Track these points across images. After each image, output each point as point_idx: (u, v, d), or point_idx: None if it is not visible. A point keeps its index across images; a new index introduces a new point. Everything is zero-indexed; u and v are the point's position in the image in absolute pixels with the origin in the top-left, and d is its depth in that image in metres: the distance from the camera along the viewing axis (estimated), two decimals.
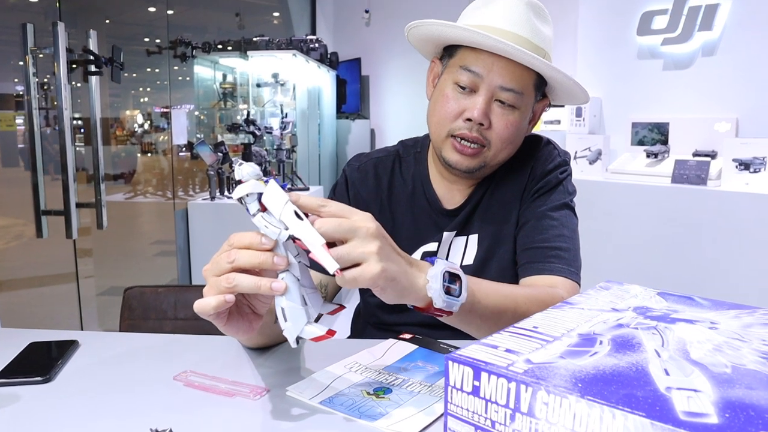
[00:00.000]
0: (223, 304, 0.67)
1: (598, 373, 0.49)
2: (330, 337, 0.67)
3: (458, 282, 0.76)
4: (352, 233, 0.67)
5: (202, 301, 0.68)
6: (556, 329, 0.60)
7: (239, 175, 0.68)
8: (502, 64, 0.97)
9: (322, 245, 0.65)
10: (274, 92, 4.50)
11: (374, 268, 0.67)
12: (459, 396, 0.53)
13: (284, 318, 0.67)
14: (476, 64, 0.98)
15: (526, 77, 0.98)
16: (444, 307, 0.75)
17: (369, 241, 0.68)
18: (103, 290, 3.42)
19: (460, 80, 0.99)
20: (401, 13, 5.19)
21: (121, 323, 1.36)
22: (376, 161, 1.16)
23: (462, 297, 0.76)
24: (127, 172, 4.09)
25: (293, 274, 0.68)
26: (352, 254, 0.67)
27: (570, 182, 1.11)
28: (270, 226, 0.67)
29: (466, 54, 1.00)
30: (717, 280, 2.63)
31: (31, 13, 3.31)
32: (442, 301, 0.74)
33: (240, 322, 0.74)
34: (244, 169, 0.67)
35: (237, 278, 0.67)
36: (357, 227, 0.68)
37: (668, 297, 0.73)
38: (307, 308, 0.68)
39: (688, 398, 0.45)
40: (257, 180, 0.68)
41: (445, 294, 0.74)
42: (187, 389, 0.78)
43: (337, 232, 0.67)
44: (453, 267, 0.76)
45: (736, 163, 2.65)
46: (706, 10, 2.93)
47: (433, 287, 0.73)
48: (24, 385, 0.79)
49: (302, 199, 0.68)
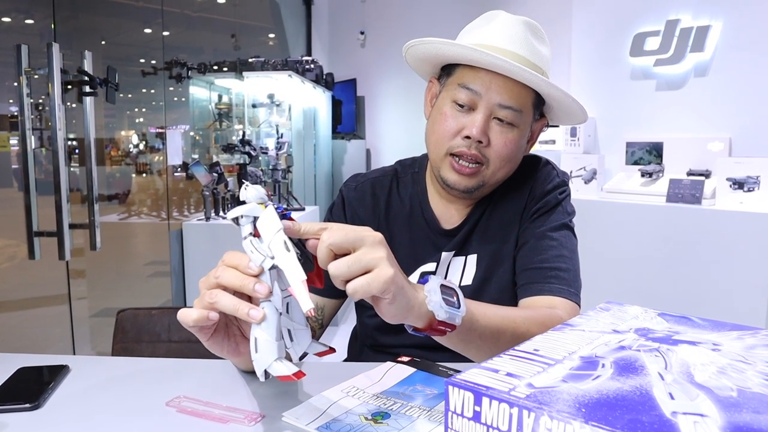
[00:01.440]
0: (204, 320, 0.67)
1: (601, 398, 0.48)
2: (297, 379, 0.65)
3: (455, 295, 0.75)
4: (360, 242, 0.67)
5: (186, 311, 0.68)
6: (557, 352, 0.59)
7: (243, 196, 0.67)
8: (501, 82, 0.97)
9: (302, 281, 0.63)
10: (270, 113, 4.51)
11: (387, 272, 0.66)
12: (459, 421, 0.52)
13: (255, 349, 0.66)
14: (474, 81, 0.98)
15: (525, 95, 0.99)
16: (446, 318, 0.73)
17: (377, 247, 0.68)
18: (96, 312, 3.39)
19: (458, 98, 0.99)
20: (396, 35, 5.24)
21: (113, 346, 1.34)
22: (374, 181, 1.16)
23: (462, 308, 0.75)
24: (121, 192, 4.07)
25: (275, 306, 0.66)
26: (363, 261, 0.66)
27: (569, 203, 1.10)
28: (255, 252, 0.65)
29: (464, 72, 1.00)
30: (712, 298, 2.62)
31: (26, 34, 3.33)
32: (444, 312, 0.72)
33: (226, 341, 0.73)
34: (249, 192, 0.67)
35: (218, 296, 0.66)
36: (363, 236, 0.68)
37: (669, 318, 0.72)
38: (280, 343, 0.66)
39: (695, 423, 0.44)
40: (258, 204, 0.67)
41: (446, 304, 0.73)
42: (181, 415, 0.76)
43: (345, 241, 0.66)
44: (447, 281, 0.76)
45: (730, 182, 2.67)
46: (698, 32, 2.97)
47: (432, 299, 0.72)
48: (11, 413, 0.76)
49: (304, 226, 0.68)
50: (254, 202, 0.67)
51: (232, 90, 4.65)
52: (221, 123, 4.56)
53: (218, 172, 3.29)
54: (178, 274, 3.27)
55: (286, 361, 0.66)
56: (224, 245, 3.18)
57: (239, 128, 4.48)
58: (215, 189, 3.33)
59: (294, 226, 0.67)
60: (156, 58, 4.06)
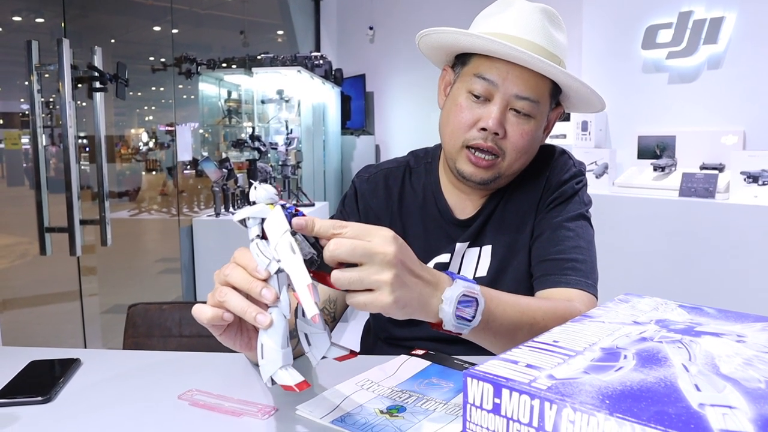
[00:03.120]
0: (218, 319, 0.66)
1: (625, 389, 0.47)
2: (300, 390, 0.63)
3: (474, 305, 0.74)
4: (367, 258, 0.65)
5: (201, 308, 0.67)
6: (577, 343, 0.58)
7: (253, 196, 0.65)
8: (517, 73, 0.95)
9: (308, 285, 0.60)
10: (279, 109, 4.51)
11: (386, 299, 0.65)
12: (478, 414, 0.51)
13: (261, 355, 0.64)
14: (491, 72, 0.96)
15: (542, 86, 0.97)
16: (453, 330, 0.73)
17: (384, 269, 0.65)
18: (107, 308, 3.40)
19: (474, 89, 0.97)
20: (405, 30, 5.22)
21: (125, 341, 1.34)
22: (387, 172, 1.14)
23: (474, 321, 0.74)
24: (131, 189, 4.09)
25: (283, 313, 0.65)
26: (365, 281, 0.65)
27: (585, 193, 1.09)
28: (261, 255, 0.64)
29: (480, 62, 0.98)
30: (726, 293, 2.59)
31: (36, 33, 3.34)
32: (452, 325, 0.72)
33: (239, 336, 0.72)
34: (259, 192, 0.65)
35: (228, 294, 0.65)
36: (373, 252, 0.65)
37: (690, 309, 0.70)
38: (286, 351, 0.64)
39: (724, 415, 0.43)
40: (267, 204, 0.65)
41: (456, 318, 0.72)
42: (193, 408, 0.75)
43: (351, 256, 0.64)
44: (471, 290, 0.74)
45: (744, 175, 2.63)
46: (711, 24, 2.93)
47: (444, 310, 0.71)
48: (24, 405, 0.76)
49: (318, 223, 0.65)
50: (263, 202, 0.65)
51: (241, 86, 4.66)
52: (230, 119, 4.56)
53: (228, 168, 3.29)
54: (189, 270, 3.28)
55: (291, 369, 0.64)
56: (234, 241, 3.19)
57: (248, 124, 4.49)
58: (225, 185, 3.33)
59: (308, 225, 0.65)
60: (165, 55, 4.07)
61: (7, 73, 3.08)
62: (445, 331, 0.74)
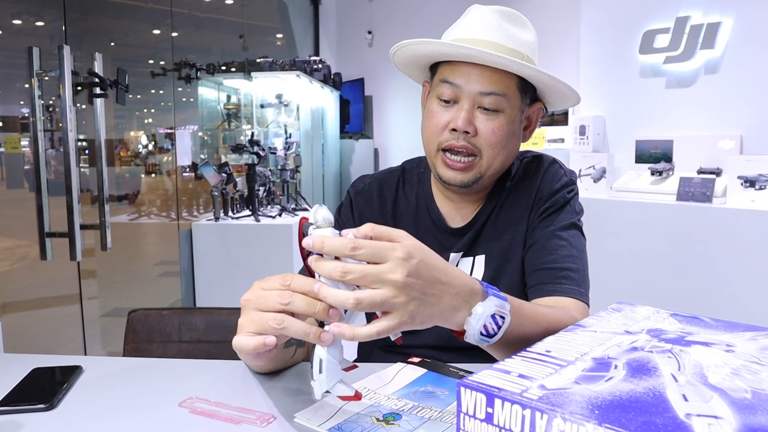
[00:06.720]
0: (262, 346, 0.67)
1: (614, 399, 0.48)
2: (357, 399, 0.67)
3: (501, 322, 0.73)
4: (380, 284, 0.64)
5: (243, 340, 0.68)
6: (569, 353, 0.59)
7: (313, 218, 0.67)
8: (479, 71, 0.98)
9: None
10: (278, 113, 4.52)
11: (404, 319, 0.65)
12: (471, 423, 0.52)
13: (320, 369, 0.66)
14: (454, 75, 1.00)
15: (506, 80, 0.99)
16: (473, 342, 0.73)
17: (400, 293, 0.64)
18: (107, 311, 3.41)
19: (442, 94, 1.02)
20: (404, 34, 5.21)
21: (125, 346, 1.35)
22: (381, 181, 1.17)
23: (496, 338, 0.73)
24: (131, 193, 4.10)
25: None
26: (384, 305, 0.64)
27: (577, 202, 1.10)
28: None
29: (444, 69, 1.02)
30: (723, 297, 2.60)
31: (37, 36, 3.35)
32: (476, 340, 0.72)
33: (266, 353, 0.73)
34: (320, 213, 0.67)
35: (287, 321, 0.65)
36: (384, 280, 0.63)
37: (681, 319, 0.71)
38: (342, 364, 0.68)
39: (709, 425, 0.44)
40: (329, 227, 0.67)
41: (480, 334, 0.72)
42: (193, 416, 0.76)
43: (362, 280, 0.64)
44: (502, 310, 0.73)
45: (742, 180, 2.65)
46: (708, 29, 2.95)
47: (471, 324, 0.71)
48: (27, 413, 0.77)
49: (328, 243, 0.64)
50: (328, 225, 0.67)
51: (240, 90, 4.67)
52: (230, 123, 4.57)
53: (227, 173, 3.31)
54: (188, 274, 3.29)
55: (345, 383, 0.67)
56: (233, 245, 3.20)
57: (248, 128, 4.50)
58: (224, 189, 3.35)
59: (315, 244, 0.64)
60: (165, 59, 4.08)
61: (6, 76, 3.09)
62: (462, 339, 0.74)
